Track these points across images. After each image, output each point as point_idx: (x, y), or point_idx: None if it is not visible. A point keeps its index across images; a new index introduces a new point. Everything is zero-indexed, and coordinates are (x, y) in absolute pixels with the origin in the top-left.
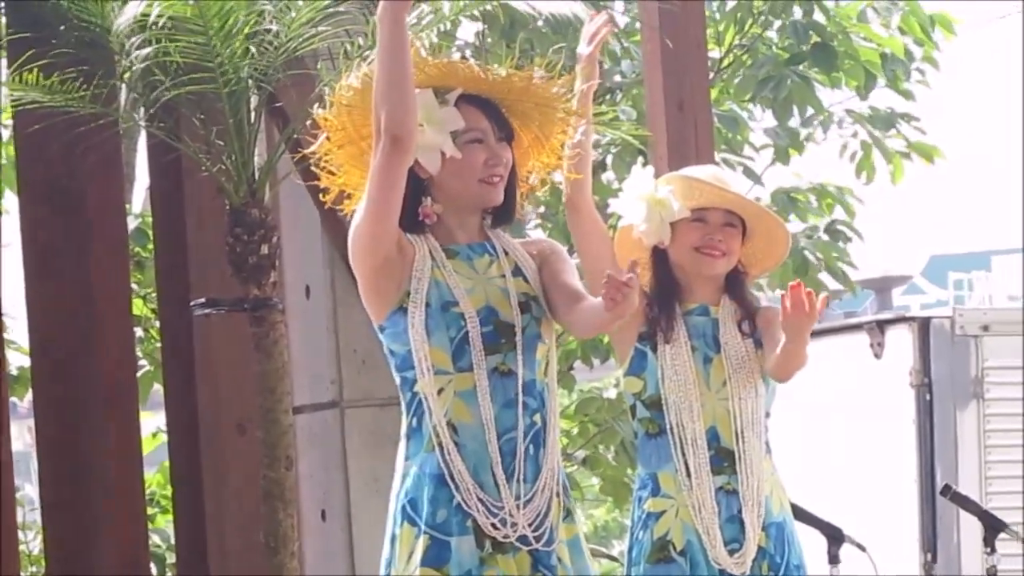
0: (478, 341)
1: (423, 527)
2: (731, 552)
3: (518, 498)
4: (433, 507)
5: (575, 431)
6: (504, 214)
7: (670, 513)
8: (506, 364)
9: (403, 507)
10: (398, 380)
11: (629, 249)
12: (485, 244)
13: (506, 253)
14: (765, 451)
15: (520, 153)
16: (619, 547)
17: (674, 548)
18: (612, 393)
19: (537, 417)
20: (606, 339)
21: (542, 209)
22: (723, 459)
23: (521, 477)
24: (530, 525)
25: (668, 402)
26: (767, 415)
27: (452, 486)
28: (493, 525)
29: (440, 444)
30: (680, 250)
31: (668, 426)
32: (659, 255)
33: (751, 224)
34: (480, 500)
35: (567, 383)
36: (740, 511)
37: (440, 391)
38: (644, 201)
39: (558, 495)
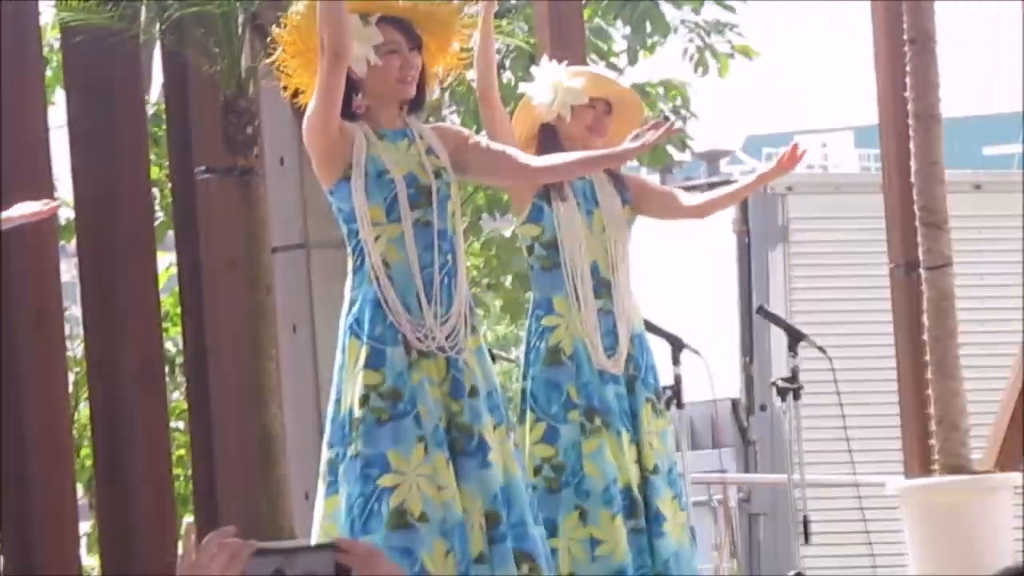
0: (404, 200)
1: (365, 339)
2: (608, 357)
3: (436, 317)
4: (372, 325)
5: (482, 264)
6: (416, 104)
7: (561, 328)
8: (425, 217)
9: (350, 325)
10: (345, 231)
11: (524, 123)
12: (405, 130)
13: (420, 136)
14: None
15: (429, 57)
16: (516, 352)
17: (564, 354)
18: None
19: (449, 256)
20: (506, 196)
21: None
22: (601, 287)
23: (438, 301)
24: (446, 338)
25: (563, 244)
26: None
27: (386, 309)
28: (418, 338)
29: (377, 278)
30: (576, 127)
31: (562, 262)
32: (549, 131)
33: (619, 108)
34: (407, 320)
35: (475, 231)
36: (615, 326)
37: (376, 238)
38: (553, 87)
39: (466, 315)
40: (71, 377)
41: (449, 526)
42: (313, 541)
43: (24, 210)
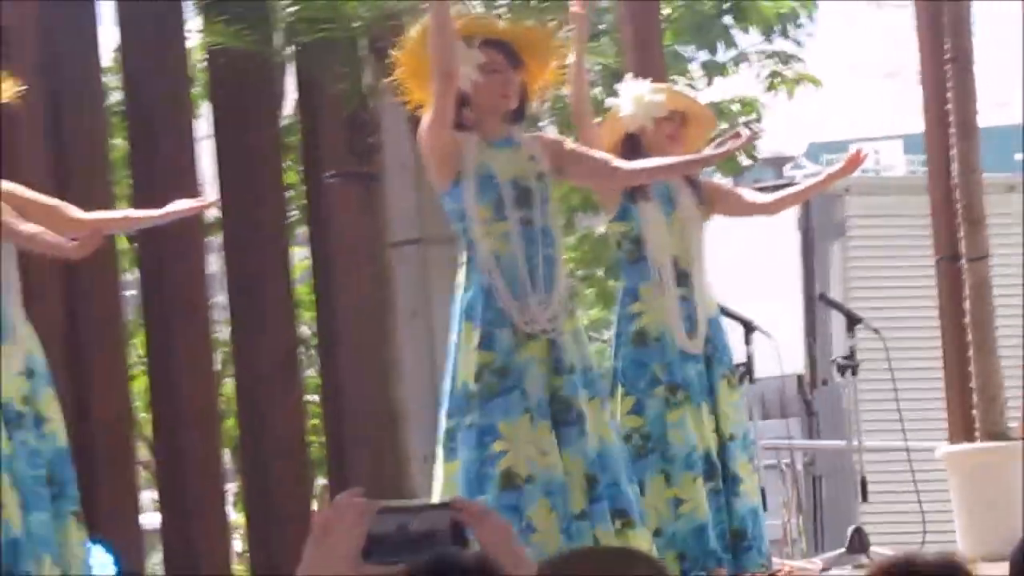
0: (510, 201)
1: (478, 323)
2: (689, 338)
3: (539, 303)
4: (484, 310)
5: (577, 258)
6: (519, 116)
7: (647, 313)
8: (528, 215)
9: (464, 310)
10: (457, 227)
11: (610, 133)
12: (509, 139)
13: (523, 144)
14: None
15: (529, 75)
16: (607, 334)
17: (650, 336)
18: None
19: (550, 250)
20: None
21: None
22: (681, 277)
23: (541, 289)
24: (548, 321)
25: (647, 239)
26: None
27: (496, 296)
28: (524, 322)
29: (487, 268)
30: (657, 136)
31: (647, 255)
32: (633, 140)
33: (694, 121)
34: (515, 305)
35: (571, 228)
36: (694, 311)
37: (486, 234)
38: (637, 101)
39: (565, 301)
40: (218, 357)
41: (552, 487)
42: (433, 501)
43: (181, 206)
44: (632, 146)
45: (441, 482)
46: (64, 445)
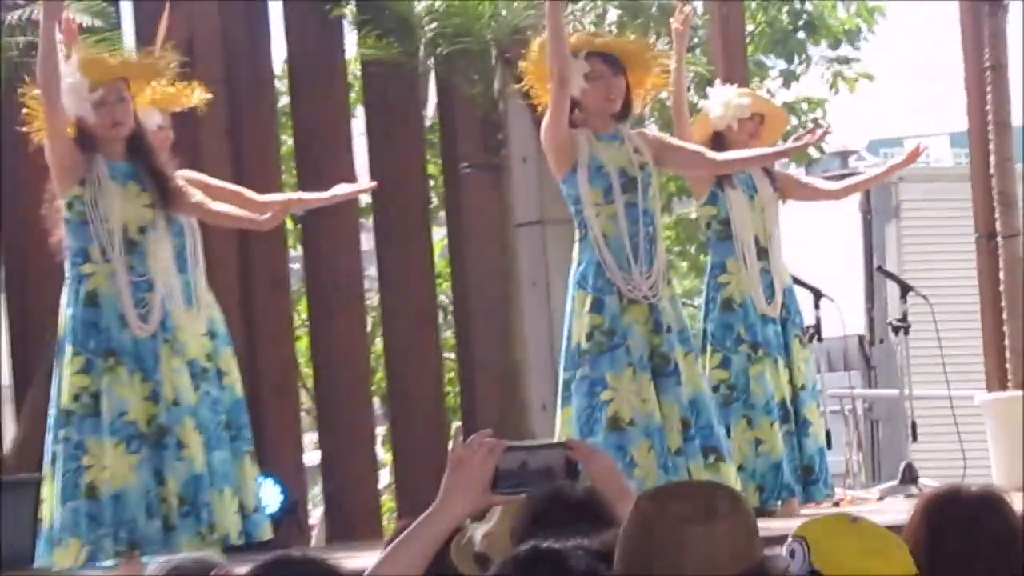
0: (617, 187)
1: (589, 291)
2: (768, 304)
3: (641, 274)
4: (595, 280)
5: (673, 236)
6: (624, 115)
7: (732, 283)
8: (632, 199)
9: (577, 280)
10: (572, 210)
11: (700, 131)
12: (615, 133)
13: (629, 139)
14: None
15: (634, 79)
16: (697, 301)
17: (735, 303)
18: (693, 215)
19: (650, 229)
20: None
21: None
22: (761, 253)
23: (643, 262)
24: (649, 289)
25: (734, 221)
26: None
27: (605, 268)
28: (628, 289)
29: (597, 244)
30: (740, 134)
31: (733, 234)
32: (719, 137)
33: (770, 121)
34: (620, 276)
35: (668, 211)
36: (772, 282)
37: (597, 215)
38: (725, 104)
39: (663, 271)
40: (369, 320)
41: (651, 429)
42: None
43: (343, 190)
44: (719, 142)
45: (560, 425)
46: (240, 396)
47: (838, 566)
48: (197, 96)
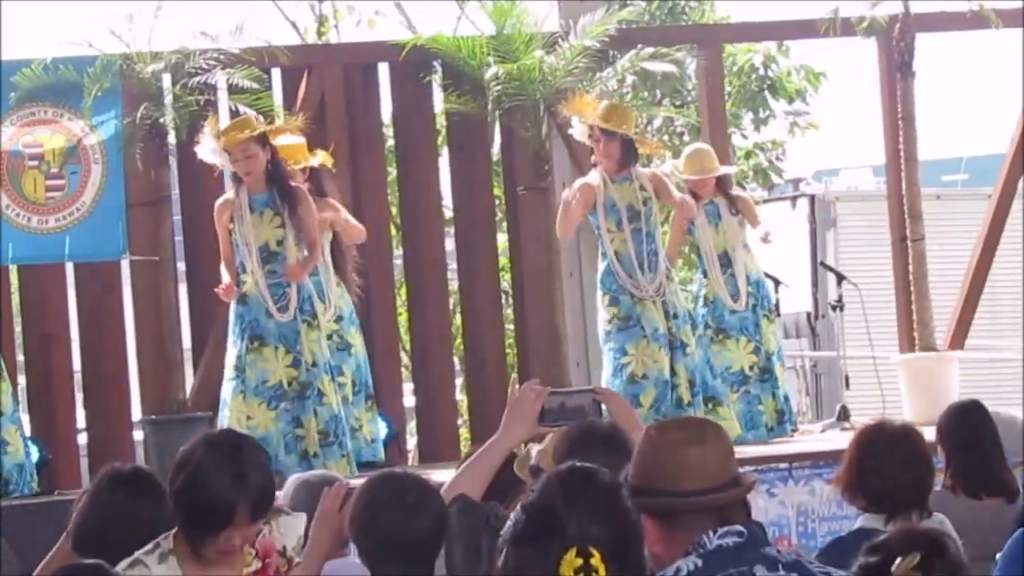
0: (625, 219)
1: (607, 291)
2: (733, 300)
3: (648, 280)
4: (610, 284)
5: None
6: (626, 162)
7: (707, 287)
8: (638, 226)
9: (600, 281)
10: (597, 234)
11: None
12: (626, 176)
13: (637, 178)
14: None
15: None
16: (691, 287)
17: (710, 300)
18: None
19: (653, 246)
20: None
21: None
22: (725, 264)
23: (648, 270)
24: (655, 291)
25: (701, 244)
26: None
27: (617, 277)
28: (637, 292)
29: (611, 261)
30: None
31: (703, 252)
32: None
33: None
34: (630, 283)
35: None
36: (736, 284)
37: (612, 240)
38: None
39: (665, 275)
40: (451, 301)
41: (659, 382)
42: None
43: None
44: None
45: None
46: (363, 361)
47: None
48: (320, 157)
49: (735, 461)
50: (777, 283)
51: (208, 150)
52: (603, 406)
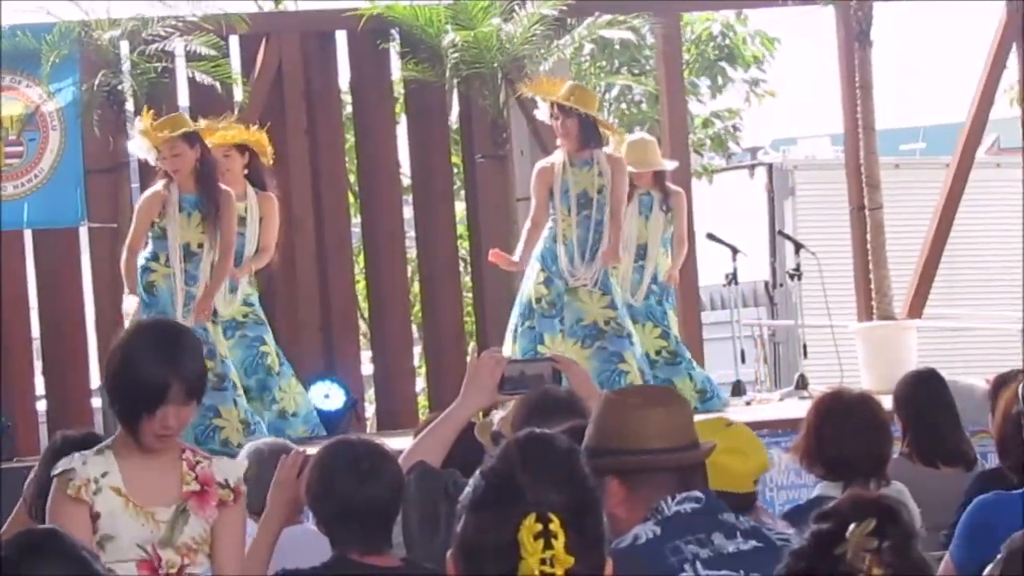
0: (574, 204)
1: (547, 270)
2: (632, 293)
3: (584, 267)
4: (550, 264)
5: None
6: (586, 142)
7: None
8: (588, 213)
9: (540, 257)
10: (550, 215)
11: None
12: (587, 159)
13: (597, 163)
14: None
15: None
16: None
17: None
18: None
19: (600, 235)
20: None
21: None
22: (639, 256)
23: (589, 259)
24: (592, 282)
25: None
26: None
27: (558, 259)
28: (573, 278)
29: (556, 242)
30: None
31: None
32: None
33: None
34: (569, 267)
35: None
36: (643, 276)
37: (559, 222)
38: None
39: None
40: (409, 268)
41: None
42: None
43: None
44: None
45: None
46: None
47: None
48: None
49: (695, 427)
50: (735, 251)
51: (137, 146)
52: (562, 374)
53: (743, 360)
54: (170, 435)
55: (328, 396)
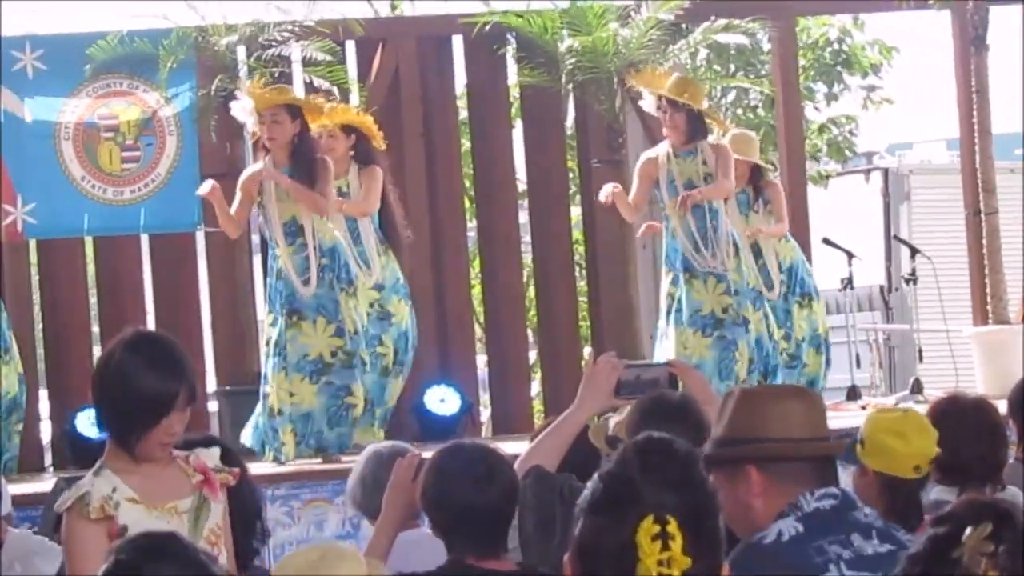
0: (680, 190)
1: (672, 269)
2: (768, 288)
3: (709, 255)
4: (672, 261)
5: None
6: (692, 136)
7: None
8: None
9: (664, 258)
10: (660, 207)
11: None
12: (690, 150)
13: (700, 152)
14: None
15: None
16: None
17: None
18: None
19: (715, 221)
20: None
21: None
22: (756, 254)
23: (708, 246)
24: (721, 266)
25: (734, 232)
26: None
27: (678, 249)
28: (698, 263)
29: (673, 233)
30: None
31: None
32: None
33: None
34: (692, 254)
35: None
36: (769, 272)
37: (671, 214)
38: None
39: (727, 249)
40: (524, 272)
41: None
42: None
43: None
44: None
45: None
46: (407, 333)
47: (869, 436)
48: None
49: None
50: (851, 256)
51: (241, 107)
52: (678, 379)
53: (858, 365)
54: (172, 442)
55: (443, 400)
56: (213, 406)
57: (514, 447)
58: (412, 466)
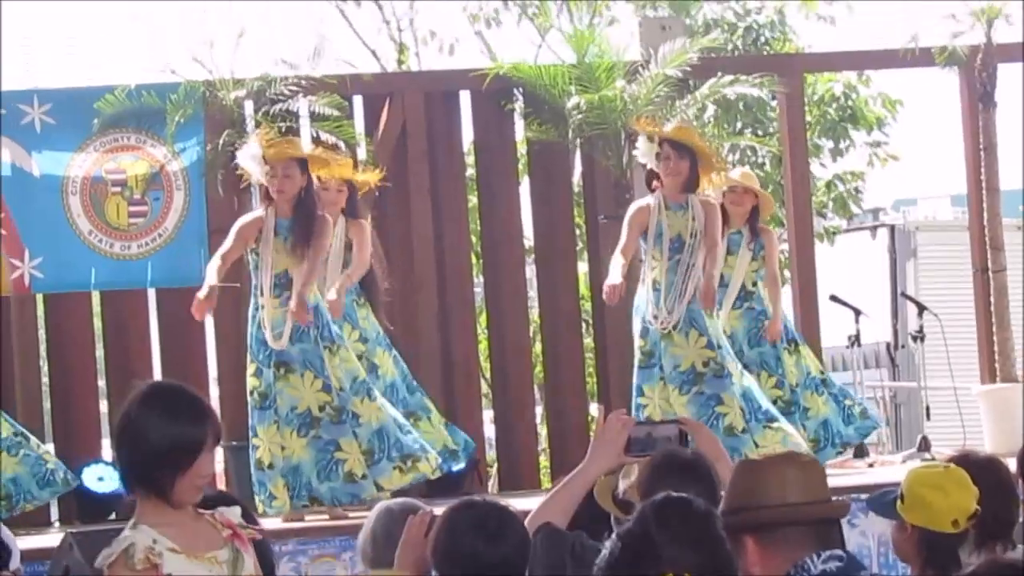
0: (666, 247)
1: (643, 321)
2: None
3: (669, 312)
4: (643, 313)
5: None
6: (689, 186)
7: (723, 322)
8: (679, 258)
9: (635, 309)
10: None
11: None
12: (682, 203)
13: (692, 207)
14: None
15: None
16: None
17: (726, 333)
18: None
19: (694, 280)
20: None
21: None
22: (743, 297)
23: (677, 301)
24: (672, 324)
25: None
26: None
27: (649, 306)
28: (656, 321)
29: (648, 287)
30: (727, 202)
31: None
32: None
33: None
34: (654, 311)
35: None
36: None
37: (653, 268)
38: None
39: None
40: (531, 327)
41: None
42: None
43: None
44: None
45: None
46: (397, 383)
47: (909, 490)
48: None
49: (827, 484)
50: (858, 313)
51: (249, 156)
52: (689, 436)
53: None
54: (206, 482)
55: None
56: (219, 461)
57: (521, 504)
58: (424, 523)
